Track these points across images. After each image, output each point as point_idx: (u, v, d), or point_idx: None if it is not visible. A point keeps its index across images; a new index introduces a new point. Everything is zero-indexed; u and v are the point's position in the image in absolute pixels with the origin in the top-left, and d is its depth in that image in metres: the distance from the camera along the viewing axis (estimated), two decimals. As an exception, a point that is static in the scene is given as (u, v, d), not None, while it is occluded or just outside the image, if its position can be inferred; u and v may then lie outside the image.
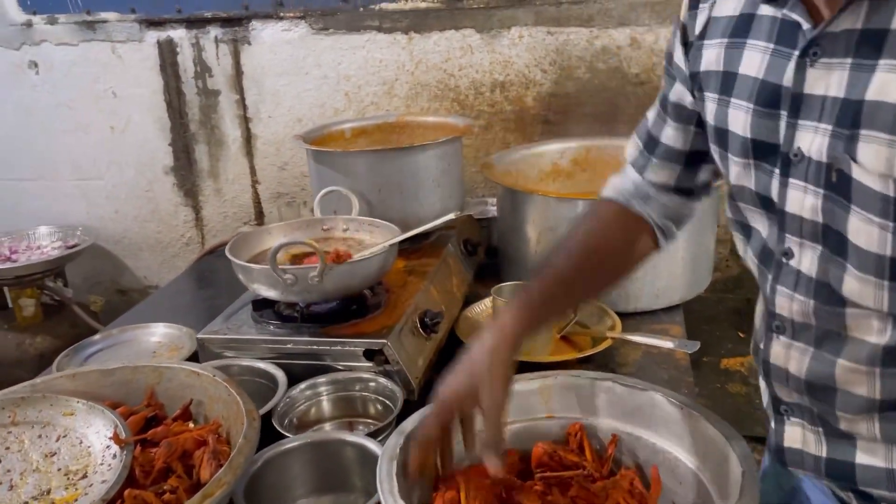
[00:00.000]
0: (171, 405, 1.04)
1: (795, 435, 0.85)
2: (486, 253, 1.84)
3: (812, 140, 0.71)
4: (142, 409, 1.02)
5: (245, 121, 2.22)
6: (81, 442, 0.93)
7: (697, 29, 0.86)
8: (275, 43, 2.12)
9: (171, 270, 2.40)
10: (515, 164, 1.86)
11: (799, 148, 0.72)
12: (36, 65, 2.28)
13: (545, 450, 0.93)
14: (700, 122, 0.90)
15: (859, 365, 0.74)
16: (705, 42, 0.84)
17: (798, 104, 0.71)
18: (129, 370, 1.05)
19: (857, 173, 0.67)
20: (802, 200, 0.73)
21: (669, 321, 1.55)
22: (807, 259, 0.75)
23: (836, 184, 0.69)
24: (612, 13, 1.91)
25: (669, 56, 0.93)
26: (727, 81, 0.80)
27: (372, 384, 1.19)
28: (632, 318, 1.54)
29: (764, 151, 0.76)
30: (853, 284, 0.71)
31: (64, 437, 0.93)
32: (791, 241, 0.76)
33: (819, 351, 0.77)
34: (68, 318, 2.22)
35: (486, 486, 0.86)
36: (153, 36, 2.18)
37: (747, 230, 0.84)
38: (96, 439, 0.92)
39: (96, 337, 1.52)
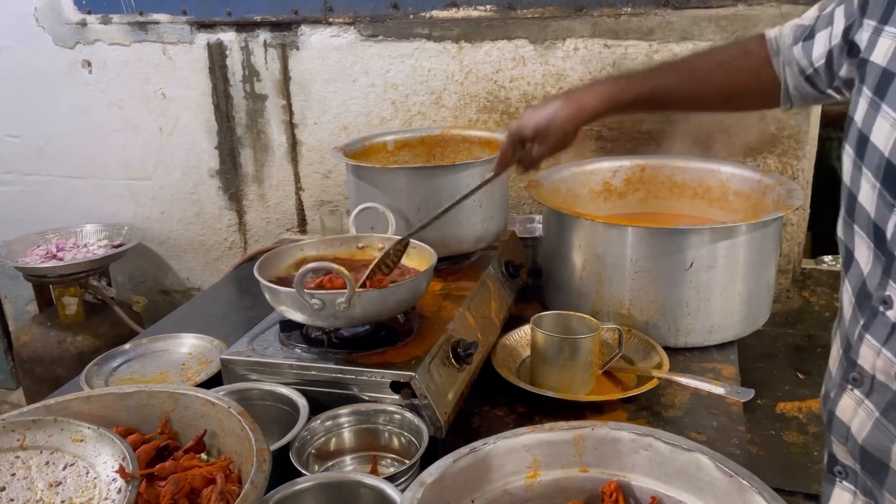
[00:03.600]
0: (185, 433, 0.99)
1: (844, 501, 0.79)
2: (530, 273, 1.76)
3: None
4: (155, 436, 0.98)
5: (291, 126, 2.19)
6: (88, 472, 0.89)
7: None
8: (323, 49, 2.08)
9: (214, 273, 2.39)
10: (565, 182, 1.78)
11: None
12: (89, 64, 2.29)
13: (576, 513, 0.86)
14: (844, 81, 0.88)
15: None
16: (886, 28, 0.72)
17: None
18: (144, 395, 1.01)
19: None
20: None
21: (722, 359, 1.45)
22: None
23: None
24: (674, 26, 1.81)
25: None
26: (885, 82, 0.69)
27: (397, 417, 1.13)
28: (681, 355, 1.45)
29: (894, 178, 0.66)
30: None
31: (71, 465, 0.90)
32: (892, 289, 0.68)
33: (885, 419, 0.70)
34: (110, 317, 2.24)
35: None
36: (203, 38, 2.17)
37: (849, 259, 0.76)
38: (103, 470, 0.88)
39: (126, 346, 1.50)
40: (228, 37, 2.15)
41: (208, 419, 0.98)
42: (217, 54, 2.18)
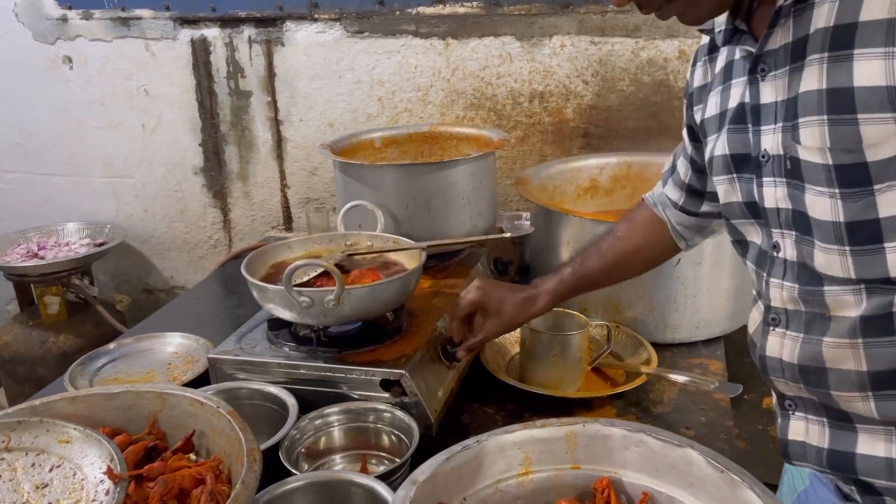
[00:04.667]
0: (173, 433, 0.98)
1: (799, 428, 0.88)
2: (518, 270, 1.76)
3: (771, 140, 0.82)
4: (143, 437, 0.96)
5: (276, 123, 2.18)
6: (75, 474, 0.87)
7: (697, 82, 1.00)
8: (308, 45, 2.06)
9: (198, 272, 2.37)
10: (552, 179, 1.78)
11: (765, 150, 0.83)
12: (70, 60, 2.26)
13: (568, 510, 0.86)
14: (698, 168, 1.08)
15: (842, 340, 0.79)
16: (711, 93, 0.95)
17: (758, 114, 0.83)
18: (132, 395, 1.00)
19: (803, 154, 0.77)
20: (774, 194, 0.83)
21: (710, 355, 1.46)
22: (788, 247, 0.83)
23: (791, 169, 0.79)
24: (660, 23, 1.81)
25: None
26: (722, 118, 0.91)
27: (387, 415, 1.12)
28: (669, 350, 1.46)
29: (742, 163, 0.87)
30: (822, 258, 0.79)
31: (58, 466, 0.88)
32: (776, 235, 0.85)
33: (808, 335, 0.83)
34: (93, 316, 2.21)
35: None
36: (187, 34, 2.15)
37: (745, 245, 0.93)
38: (90, 471, 0.87)
39: (111, 346, 1.48)
40: (212, 33, 2.13)
41: (197, 419, 0.97)
42: (201, 50, 2.16)
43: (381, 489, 0.92)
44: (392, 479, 0.98)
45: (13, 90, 2.33)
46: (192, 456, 0.96)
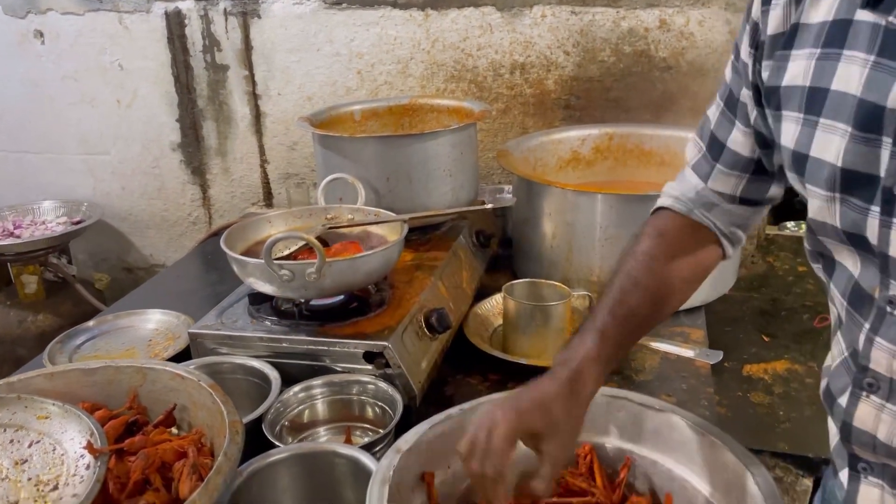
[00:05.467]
0: (154, 408, 0.98)
1: (872, 496, 0.74)
2: (501, 243, 1.76)
3: None
4: (123, 412, 0.96)
5: (254, 98, 2.14)
6: (55, 449, 0.86)
7: (771, 29, 0.73)
8: (286, 17, 2.03)
9: (178, 250, 2.35)
10: (533, 152, 1.78)
11: None
12: (41, 34, 2.21)
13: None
14: (765, 142, 0.80)
15: None
16: (792, 52, 0.71)
17: None
18: (111, 370, 0.99)
19: None
20: None
21: (690, 324, 1.47)
22: None
23: None
24: (641, -7, 1.80)
25: (737, 51, 0.80)
26: (815, 98, 0.68)
27: (371, 387, 1.12)
28: (650, 320, 1.46)
29: (857, 184, 0.65)
30: None
31: (37, 442, 0.87)
32: (895, 288, 0.64)
33: None
34: (71, 296, 2.18)
35: None
36: (161, 7, 2.10)
37: (830, 264, 0.73)
38: (70, 446, 0.86)
39: (90, 323, 1.47)
40: (187, 5, 2.09)
41: (178, 393, 0.96)
42: (175, 23, 2.11)
43: (366, 459, 0.92)
44: (376, 449, 0.98)
45: (-17, 66, 2.28)
46: (174, 430, 0.96)
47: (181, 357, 1.27)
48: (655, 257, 0.87)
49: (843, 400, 0.72)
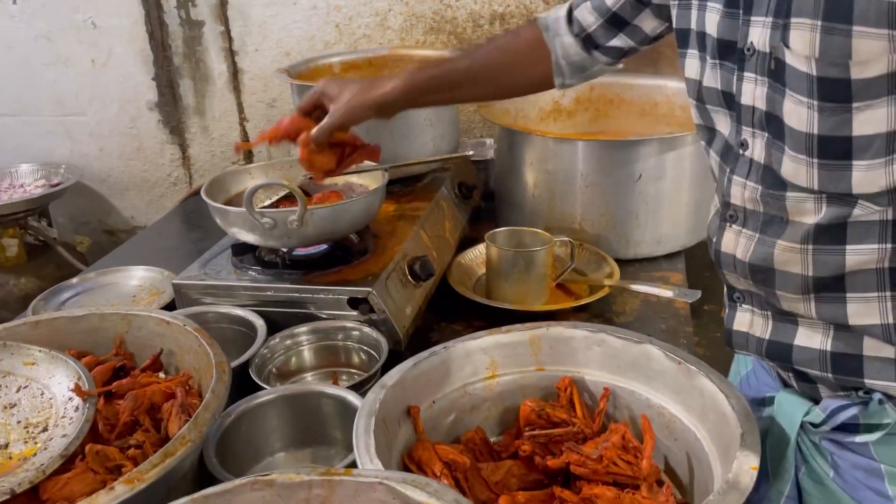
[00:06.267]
0: (140, 354, 0.98)
1: (744, 319, 0.91)
2: (483, 196, 1.77)
3: (760, 34, 0.77)
4: (110, 358, 0.96)
5: (231, 54, 2.12)
6: (43, 393, 0.87)
7: None
8: (261, -30, 2.00)
9: (159, 210, 2.33)
10: (514, 103, 1.77)
11: (751, 42, 0.78)
12: (12, -6, 2.16)
13: (532, 408, 0.88)
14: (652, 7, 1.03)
15: (794, 244, 0.80)
16: None
17: (750, 2, 0.77)
18: (96, 317, 0.99)
19: (789, 58, 0.73)
20: (753, 91, 0.79)
21: (670, 268, 1.49)
22: (757, 147, 0.81)
23: (775, 70, 0.76)
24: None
25: None
26: None
27: (356, 333, 1.14)
28: (631, 265, 1.49)
29: (727, 50, 0.82)
30: (789, 165, 0.77)
31: (25, 387, 0.88)
32: (746, 133, 0.82)
33: (763, 236, 0.83)
34: (53, 258, 2.17)
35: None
36: (133, -39, 2.06)
37: (711, 133, 0.90)
38: (58, 390, 0.87)
39: (74, 280, 1.47)
40: (159, -41, 2.05)
41: (164, 338, 0.97)
42: (148, -22, 2.07)
43: (352, 398, 0.94)
44: (362, 390, 1.00)
45: (-48, 27, 2.23)
46: (161, 374, 0.97)
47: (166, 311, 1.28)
48: (499, 43, 1.14)
49: (713, 236, 0.90)
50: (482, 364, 0.95)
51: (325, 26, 2.02)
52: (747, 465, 0.71)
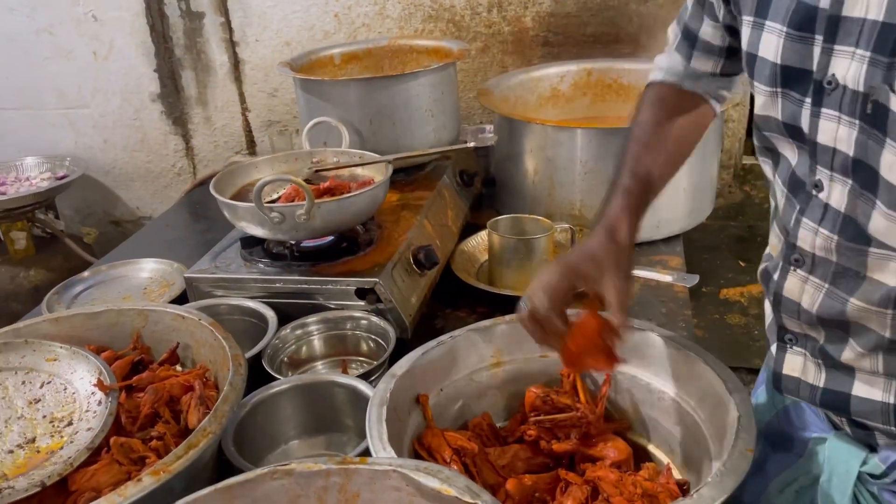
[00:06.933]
0: (157, 348, 1.02)
1: (796, 364, 0.84)
2: (484, 183, 1.79)
3: (848, 67, 0.67)
4: (128, 352, 1.00)
5: (232, 45, 2.13)
6: (66, 388, 0.91)
7: None
8: (260, -40, 2.01)
9: (164, 201, 2.36)
10: (513, 90, 1.79)
11: (833, 75, 0.68)
12: (12, -12, 2.17)
13: (537, 394, 0.92)
14: (734, 32, 0.89)
15: (871, 305, 0.73)
16: None
17: (835, 27, 0.67)
18: (113, 313, 1.03)
19: (895, 105, 0.63)
20: (835, 131, 0.70)
21: (669, 252, 1.52)
22: (836, 193, 0.72)
23: (872, 115, 0.66)
24: (616, -76, 1.80)
25: None
26: (762, 3, 0.75)
27: (364, 322, 1.17)
28: (631, 250, 1.51)
29: (794, 79, 0.72)
30: (881, 222, 0.69)
31: (48, 383, 0.92)
32: (821, 174, 0.73)
33: (833, 288, 0.76)
34: (61, 250, 2.20)
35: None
36: (131, -46, 2.07)
37: (776, 156, 0.81)
38: (81, 385, 0.90)
39: (86, 274, 1.49)
40: (158, -49, 2.06)
41: (180, 333, 1.00)
42: (147, -30, 2.08)
43: (363, 387, 0.98)
44: (371, 378, 1.03)
45: (-47, 21, 2.24)
46: (178, 367, 1.01)
47: (176, 303, 1.31)
48: (658, 122, 0.97)
49: (776, 275, 0.82)
50: (487, 352, 0.99)
51: (324, 16, 2.03)
52: (743, 448, 0.74)
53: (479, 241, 1.52)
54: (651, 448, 0.94)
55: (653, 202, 0.95)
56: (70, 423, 0.86)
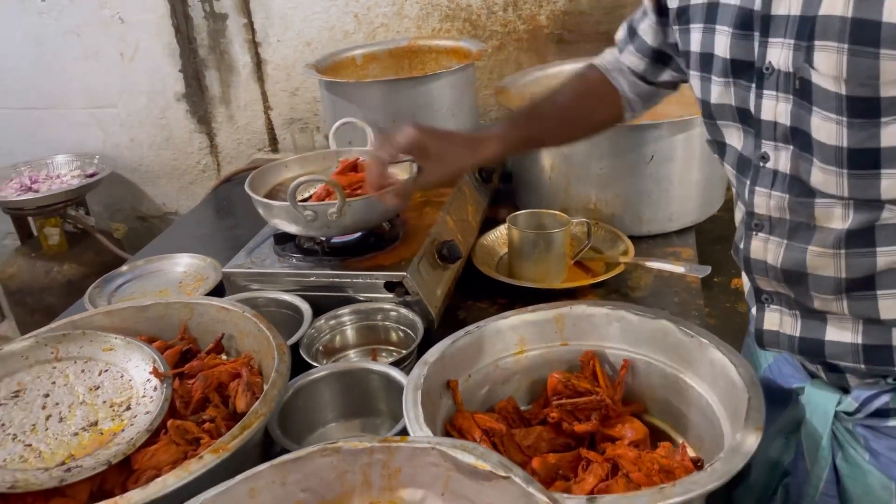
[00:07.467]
0: (202, 339, 1.09)
1: (774, 319, 0.96)
2: (501, 178, 1.85)
3: (779, 54, 0.81)
4: (176, 342, 1.07)
5: (254, 45, 2.20)
6: (122, 376, 0.98)
7: None
8: (281, -37, 2.07)
9: (189, 197, 2.44)
10: (529, 87, 1.85)
11: (770, 62, 0.82)
12: (41, -9, 2.24)
13: (559, 379, 0.98)
14: (667, 43, 1.08)
15: (826, 249, 0.85)
16: None
17: (767, 24, 0.81)
18: (161, 306, 1.10)
19: (815, 78, 0.77)
20: (775, 108, 0.83)
21: (681, 244, 1.58)
22: (781, 159, 0.85)
23: (800, 89, 0.80)
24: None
25: None
26: (711, 11, 0.90)
27: (393, 314, 1.24)
28: (644, 242, 1.57)
29: (741, 69, 0.86)
30: (819, 175, 0.82)
31: (106, 371, 0.99)
32: (767, 146, 0.86)
33: (792, 242, 0.88)
34: (93, 245, 2.28)
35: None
36: (157, -42, 2.14)
37: (723, 147, 0.95)
38: (136, 373, 0.98)
39: (124, 268, 1.57)
40: (182, -45, 2.12)
41: (224, 324, 1.07)
42: (172, -26, 2.15)
43: (395, 373, 1.05)
44: (402, 366, 1.10)
45: (-15, 25, 2.32)
46: (223, 356, 1.08)
47: (211, 296, 1.38)
48: (572, 89, 1.19)
49: (740, 243, 0.94)
50: (512, 341, 1.05)
51: (343, 16, 2.09)
52: (753, 426, 0.81)
53: (498, 236, 1.58)
54: (666, 429, 1.00)
55: (529, 148, 1.19)
56: (129, 408, 0.94)
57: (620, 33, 1.17)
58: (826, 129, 0.78)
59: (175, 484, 0.76)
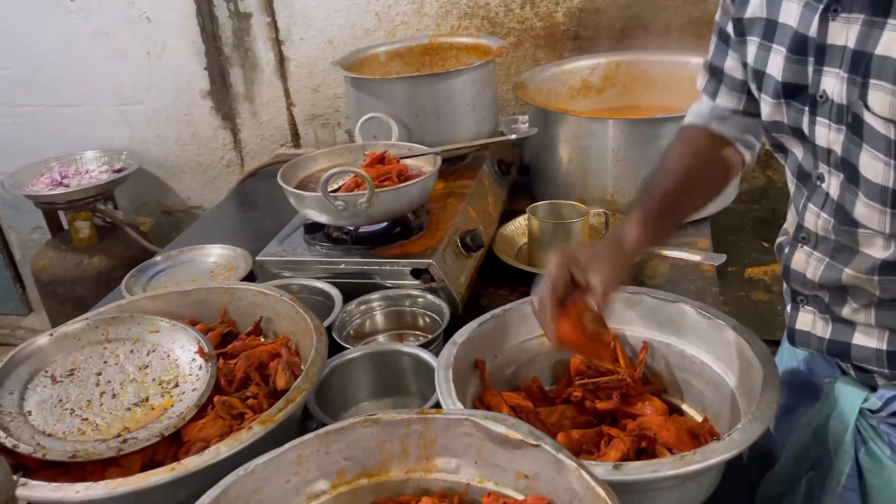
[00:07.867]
0: (241, 322, 1.15)
1: (806, 320, 0.99)
2: (519, 170, 1.90)
3: (834, 84, 0.81)
4: (217, 325, 1.13)
5: (277, 43, 2.25)
6: (169, 356, 1.04)
7: None
8: (304, -37, 2.12)
9: (214, 192, 2.50)
10: (546, 83, 1.90)
11: (824, 90, 0.82)
12: (70, -9, 2.31)
13: (582, 360, 1.03)
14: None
15: (860, 274, 0.88)
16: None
17: (822, 53, 0.81)
18: (203, 291, 1.15)
19: (867, 116, 0.77)
20: (828, 135, 0.84)
21: (697, 234, 1.62)
22: (833, 185, 0.86)
23: (852, 124, 0.80)
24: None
25: None
26: (769, 28, 0.89)
27: (420, 300, 1.29)
28: (660, 233, 1.61)
29: (794, 93, 0.86)
30: (862, 210, 0.83)
31: (153, 351, 1.05)
32: (822, 168, 0.87)
33: (832, 261, 0.91)
34: (121, 238, 2.35)
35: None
36: (183, -41, 2.20)
37: (785, 151, 0.95)
38: (182, 353, 1.04)
39: (158, 258, 1.63)
40: (208, -44, 2.18)
41: (262, 308, 1.13)
42: (198, -26, 2.21)
43: (425, 355, 1.10)
44: (430, 348, 1.15)
45: (18, 25, 2.38)
46: (262, 338, 1.13)
47: (246, 283, 1.44)
48: (683, 157, 1.06)
49: (786, 250, 0.97)
50: (535, 324, 1.09)
51: (365, 15, 2.15)
52: (769, 401, 0.85)
53: (517, 226, 1.63)
54: (684, 407, 1.05)
55: (672, 231, 1.05)
56: (177, 385, 1.00)
57: (701, 80, 1.08)
58: (874, 167, 0.79)
59: (227, 452, 0.82)
